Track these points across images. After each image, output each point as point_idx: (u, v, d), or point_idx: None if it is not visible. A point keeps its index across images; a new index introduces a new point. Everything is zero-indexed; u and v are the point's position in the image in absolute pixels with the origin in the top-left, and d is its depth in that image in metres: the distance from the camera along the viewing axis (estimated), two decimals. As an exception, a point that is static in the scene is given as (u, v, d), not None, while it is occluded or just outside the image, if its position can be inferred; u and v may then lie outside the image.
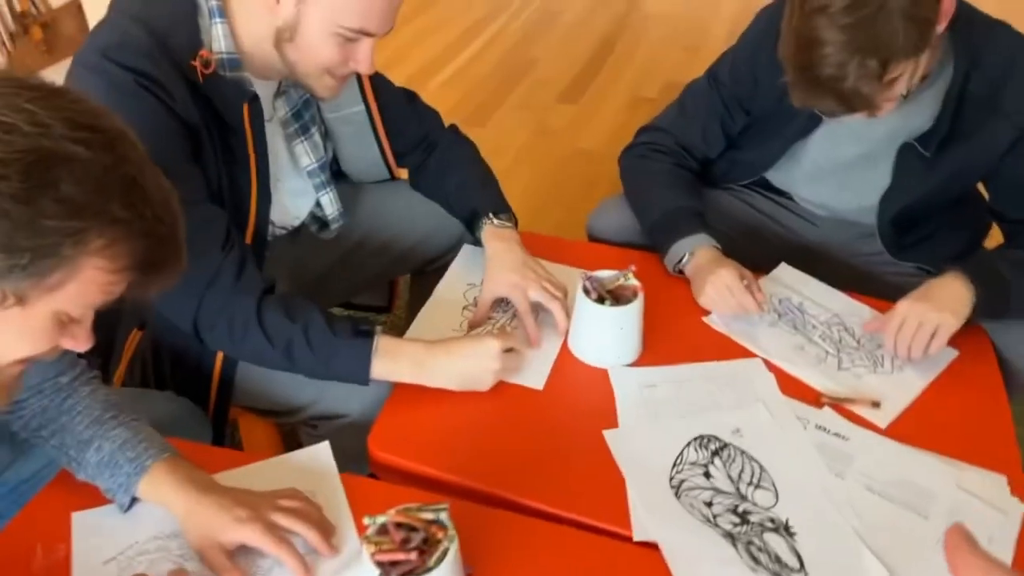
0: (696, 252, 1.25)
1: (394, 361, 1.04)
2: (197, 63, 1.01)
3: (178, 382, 1.16)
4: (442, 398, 1.06)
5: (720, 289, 1.19)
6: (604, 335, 1.11)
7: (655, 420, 1.04)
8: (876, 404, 1.07)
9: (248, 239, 1.12)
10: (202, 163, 1.04)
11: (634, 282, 1.12)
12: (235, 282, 1.01)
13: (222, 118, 1.06)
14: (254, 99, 1.07)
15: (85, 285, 0.66)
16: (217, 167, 1.07)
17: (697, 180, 1.43)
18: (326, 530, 0.87)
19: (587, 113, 3.11)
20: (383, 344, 1.04)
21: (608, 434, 1.02)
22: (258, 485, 0.91)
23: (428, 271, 1.46)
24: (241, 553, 0.86)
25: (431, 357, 1.05)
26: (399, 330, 1.08)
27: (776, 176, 1.42)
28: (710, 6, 4.04)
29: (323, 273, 1.41)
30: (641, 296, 1.10)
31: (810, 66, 1.04)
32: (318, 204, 1.31)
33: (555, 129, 3.00)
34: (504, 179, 1.38)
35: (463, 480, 0.96)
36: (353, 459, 1.00)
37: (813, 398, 1.08)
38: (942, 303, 1.12)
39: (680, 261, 1.26)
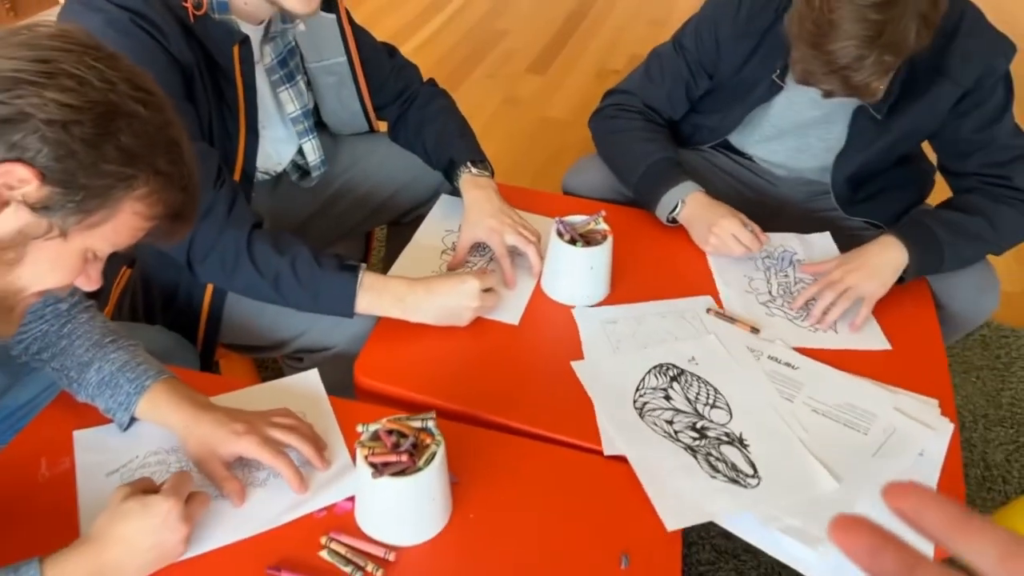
0: (688, 200, 1.31)
1: (378, 296, 1.10)
2: (188, 4, 1.05)
3: (167, 318, 1.20)
4: (425, 331, 1.12)
5: (726, 238, 1.26)
6: (575, 275, 1.18)
7: (617, 352, 1.12)
8: (755, 330, 1.16)
9: (236, 176, 1.17)
10: (194, 103, 1.08)
11: (604, 226, 1.20)
12: (227, 216, 1.06)
13: (213, 59, 1.10)
14: (244, 41, 1.11)
15: (120, 226, 0.73)
16: (208, 107, 1.11)
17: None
18: (318, 445, 0.93)
19: (554, 83, 3.18)
20: (367, 279, 1.10)
21: (576, 365, 1.09)
22: (255, 402, 0.96)
23: (405, 222, 1.52)
24: (238, 465, 0.92)
25: (412, 293, 1.11)
26: None
27: (737, 138, 1.50)
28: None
29: (302, 221, 1.46)
30: (610, 239, 1.18)
31: (826, 51, 1.05)
32: (300, 152, 1.36)
33: (523, 98, 3.05)
34: (473, 146, 1.44)
35: (445, 403, 1.03)
36: (338, 390, 1.06)
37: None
38: (872, 270, 1.19)
39: (673, 210, 1.32)
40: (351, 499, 0.88)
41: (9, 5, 2.70)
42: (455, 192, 1.35)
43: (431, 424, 0.86)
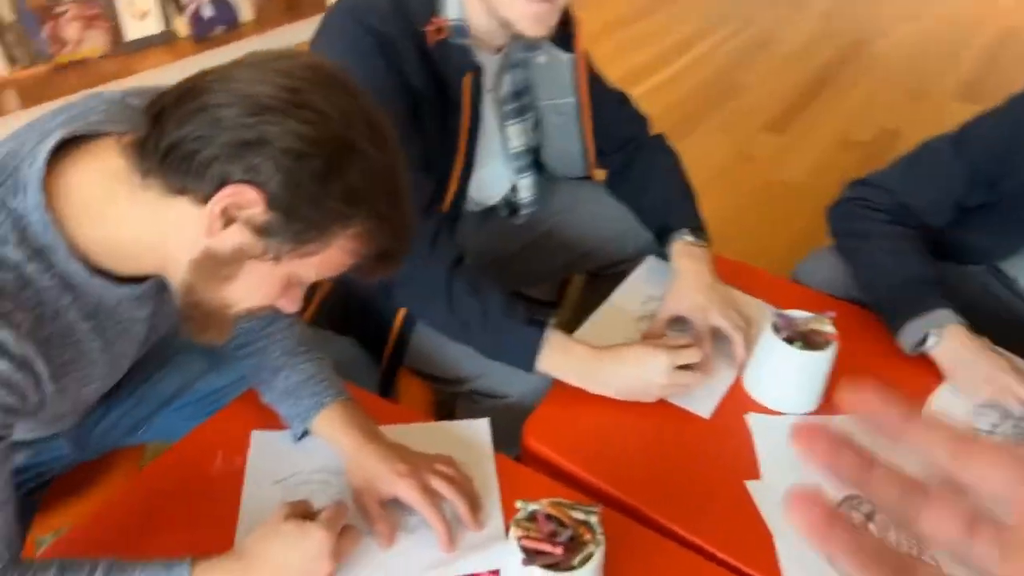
0: (946, 335, 1.11)
1: (562, 357, 1.05)
2: (431, 28, 1.06)
3: (359, 332, 1.22)
4: (603, 402, 1.05)
5: (1006, 396, 1.06)
6: (787, 378, 1.06)
7: (799, 473, 0.98)
8: None
9: (445, 207, 1.17)
10: (418, 129, 1.08)
11: (830, 328, 1.06)
12: (431, 249, 1.06)
13: (443, 86, 1.10)
14: (477, 71, 1.11)
15: (329, 259, 0.73)
16: (430, 134, 1.11)
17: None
18: (475, 504, 0.89)
19: (792, 145, 2.99)
20: (554, 338, 1.05)
21: (751, 485, 0.97)
22: (415, 446, 0.94)
23: (606, 274, 1.45)
24: (392, 503, 0.89)
25: (598, 362, 1.04)
26: (565, 329, 1.09)
27: (1010, 263, 1.29)
28: (948, 57, 3.75)
29: (503, 258, 1.44)
30: (835, 345, 1.04)
31: None
32: (514, 188, 1.34)
33: (754, 157, 2.90)
34: (692, 200, 1.34)
35: (611, 488, 0.95)
36: (504, 441, 1.01)
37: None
38: None
39: (923, 342, 1.14)
40: (495, 573, 0.83)
41: (287, 7, 2.93)
42: (663, 255, 1.27)
43: (594, 520, 0.78)
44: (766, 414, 1.07)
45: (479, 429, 1.01)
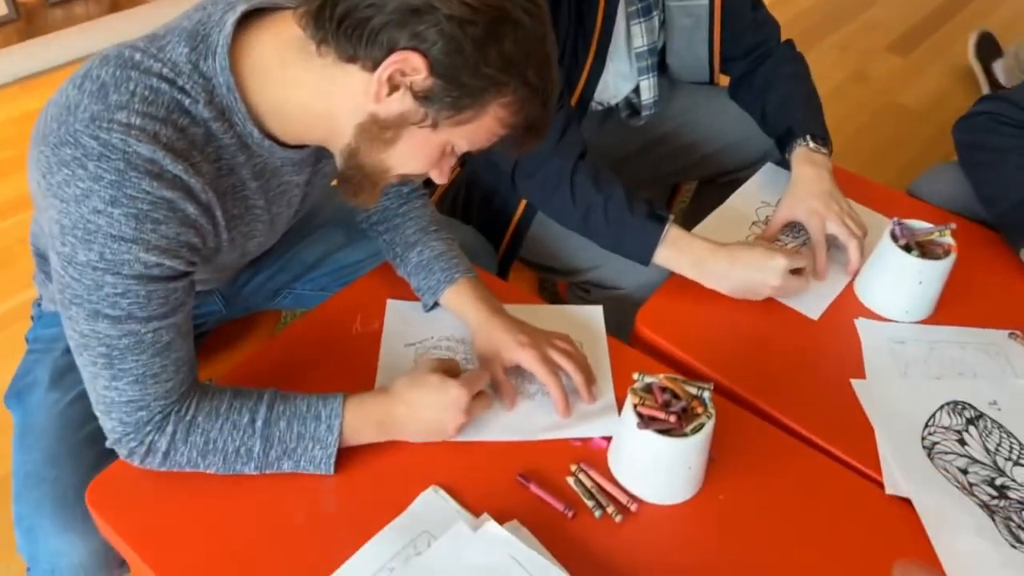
0: None
1: (678, 252, 1.08)
2: None
3: (480, 220, 1.29)
4: (715, 297, 1.09)
5: None
6: (900, 285, 1.07)
7: (904, 376, 1.00)
8: None
9: (572, 102, 1.20)
10: (555, 23, 1.11)
11: (949, 240, 1.06)
12: (558, 140, 1.10)
13: None
14: None
15: (481, 128, 0.77)
16: (565, 29, 1.13)
17: None
18: (590, 377, 0.96)
19: (915, 68, 2.84)
20: (673, 234, 1.08)
21: (856, 384, 1.00)
22: (535, 320, 1.00)
23: (720, 182, 1.47)
24: (513, 373, 0.97)
25: (713, 258, 1.08)
26: None
27: None
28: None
29: (619, 159, 1.46)
30: (953, 256, 1.04)
31: None
32: (636, 89, 1.35)
33: (875, 78, 2.78)
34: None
35: (720, 376, 1.00)
36: (615, 333, 1.07)
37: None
38: None
39: None
40: (607, 439, 0.90)
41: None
42: (783, 164, 1.27)
43: (707, 395, 0.84)
44: (876, 320, 1.08)
45: (593, 314, 1.07)
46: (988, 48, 2.73)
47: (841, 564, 0.81)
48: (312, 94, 0.77)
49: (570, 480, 0.86)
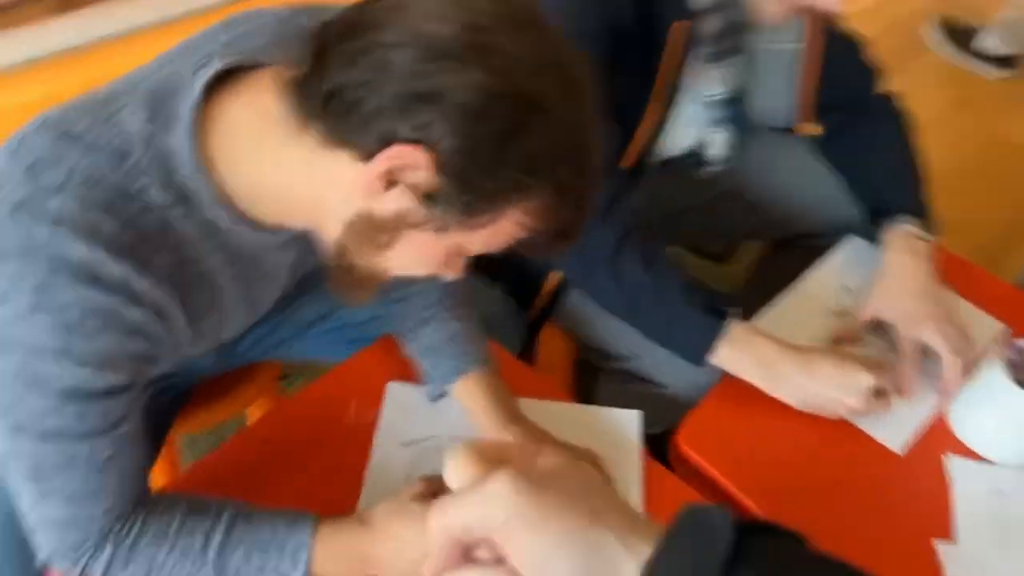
0: None
1: (741, 353, 0.91)
2: None
3: (510, 280, 1.13)
4: (775, 410, 0.92)
5: None
6: (1009, 425, 0.87)
7: (1005, 546, 0.82)
8: None
9: (627, 164, 1.02)
10: (618, 72, 0.93)
11: None
12: (604, 212, 0.93)
13: (653, 25, 0.94)
14: (691, 16, 0.93)
15: (497, 233, 0.62)
16: (631, 74, 0.96)
17: None
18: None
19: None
20: (736, 332, 0.91)
21: (942, 548, 0.82)
22: (559, 423, 0.86)
23: (796, 245, 1.27)
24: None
25: (784, 364, 0.90)
26: (737, 301, 0.94)
27: None
28: None
29: (678, 211, 1.28)
30: None
31: None
32: (701, 142, 1.17)
33: (975, 104, 2.48)
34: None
35: (771, 516, 0.83)
36: (651, 438, 0.91)
37: None
38: None
39: None
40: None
41: None
42: (869, 236, 1.08)
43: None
44: (972, 460, 0.90)
45: (628, 422, 0.91)
46: (956, 33, 2.65)
47: None
48: (295, 178, 0.63)
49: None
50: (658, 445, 0.91)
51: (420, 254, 0.64)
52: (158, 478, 1.21)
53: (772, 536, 0.37)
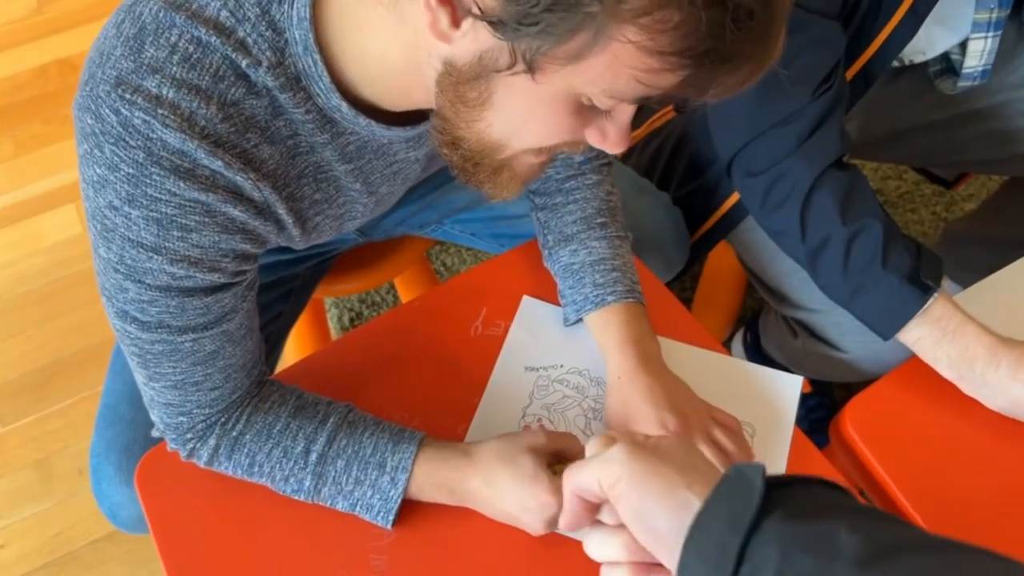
0: None
1: (938, 338, 0.74)
2: None
3: (682, 191, 0.99)
4: (965, 404, 0.76)
5: None
6: None
7: None
8: None
9: (849, 75, 0.83)
10: None
11: None
12: (805, 138, 0.76)
13: None
14: None
15: (613, 64, 0.46)
16: None
17: None
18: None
19: None
20: (940, 312, 0.74)
21: None
22: (707, 375, 0.77)
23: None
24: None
25: (990, 362, 0.72)
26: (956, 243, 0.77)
27: None
28: None
29: (904, 131, 1.06)
30: None
31: None
32: (962, 45, 0.92)
33: None
34: None
35: (915, 509, 0.71)
36: (809, 394, 0.79)
37: None
38: None
39: None
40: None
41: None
42: None
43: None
44: None
45: (788, 386, 0.78)
46: None
47: None
48: (386, 39, 0.53)
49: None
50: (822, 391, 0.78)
51: (529, 111, 0.52)
52: (302, 339, 1.25)
53: (809, 485, 0.41)
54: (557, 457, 0.69)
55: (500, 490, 0.67)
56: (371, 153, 0.64)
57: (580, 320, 0.80)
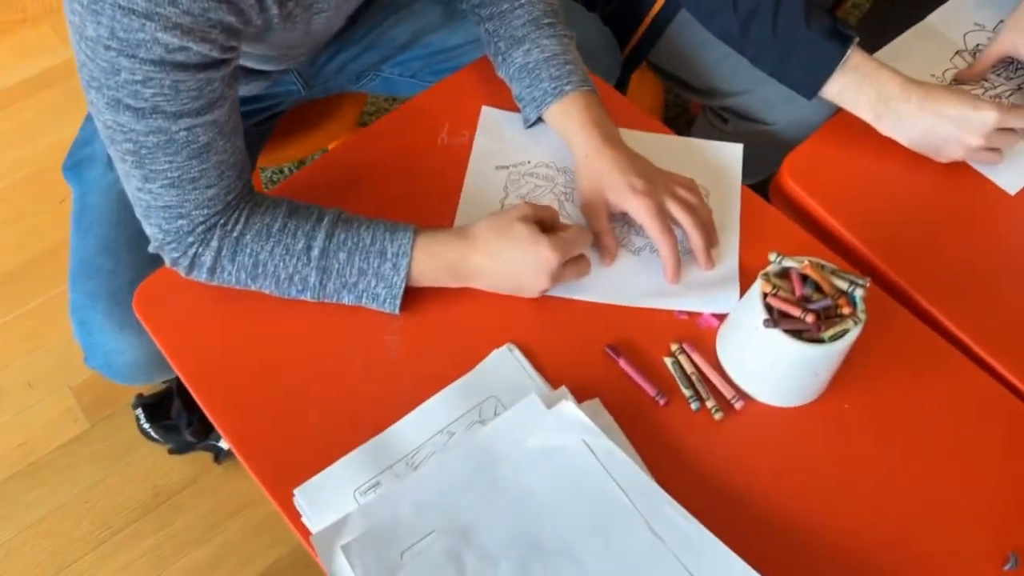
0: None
1: (858, 84, 0.85)
2: None
3: (608, 9, 1.05)
4: (884, 148, 0.87)
5: None
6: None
7: None
8: None
9: None
10: None
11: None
12: None
13: None
14: None
15: None
16: None
17: None
18: (711, 238, 0.79)
19: None
20: (855, 59, 0.84)
21: None
22: (658, 154, 0.83)
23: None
24: (619, 219, 0.81)
25: (903, 96, 0.83)
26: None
27: None
28: None
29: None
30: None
31: None
32: None
33: None
34: None
35: (869, 252, 0.81)
36: (748, 173, 0.87)
37: None
38: None
39: None
40: (721, 317, 0.75)
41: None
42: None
43: (859, 295, 0.66)
44: (1094, 207, 0.85)
45: (729, 154, 0.87)
46: None
47: (976, 497, 0.67)
48: None
49: (668, 361, 0.73)
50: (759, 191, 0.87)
51: None
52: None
53: None
54: (540, 226, 0.73)
55: (505, 260, 0.72)
56: None
57: (540, 120, 0.85)
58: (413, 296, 0.74)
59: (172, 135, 0.63)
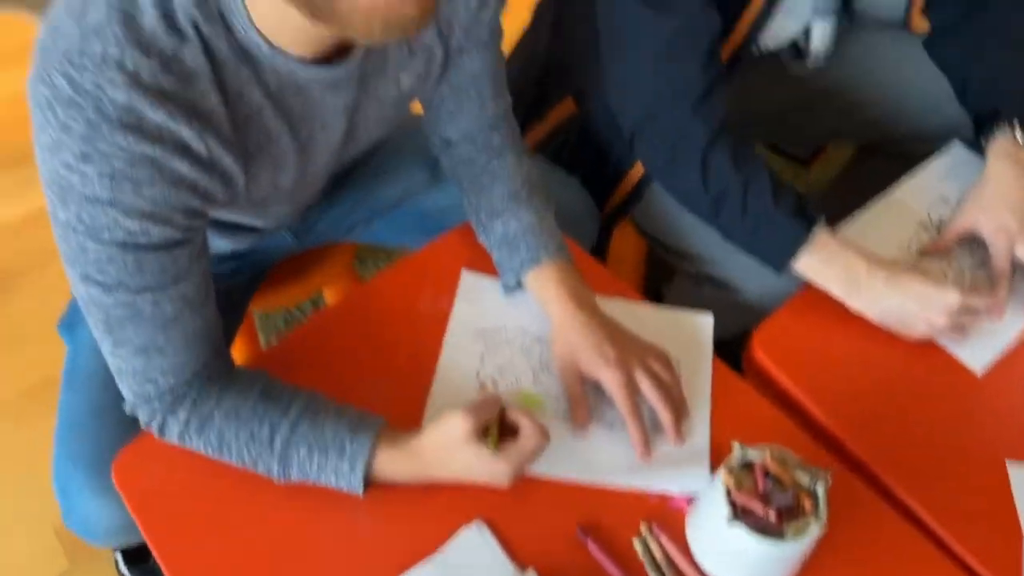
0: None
1: (825, 262, 0.88)
2: None
3: (589, 171, 1.10)
4: (853, 325, 0.89)
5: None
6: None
7: None
8: None
9: (724, 58, 0.96)
10: None
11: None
12: (698, 105, 0.88)
13: None
14: None
15: None
16: None
17: None
18: (680, 412, 0.80)
19: None
20: (823, 240, 0.88)
21: (1013, 468, 0.80)
22: (630, 321, 0.85)
23: (887, 151, 1.20)
24: (592, 388, 0.83)
25: (869, 275, 0.87)
26: (818, 206, 0.91)
27: None
28: None
29: (772, 112, 1.22)
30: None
31: None
32: (806, 32, 1.09)
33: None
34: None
35: (839, 432, 0.83)
36: (721, 346, 0.90)
37: None
38: None
39: None
40: (689, 501, 0.76)
41: None
42: (977, 146, 1.01)
43: (821, 491, 0.67)
44: (1059, 385, 0.87)
45: (700, 325, 0.90)
46: None
47: None
48: None
49: (636, 543, 0.74)
50: (726, 353, 0.90)
51: None
52: (238, 354, 1.27)
53: None
54: (486, 425, 0.73)
55: (457, 472, 0.73)
56: (291, 91, 0.68)
57: (519, 285, 0.88)
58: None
59: (138, 308, 0.66)
